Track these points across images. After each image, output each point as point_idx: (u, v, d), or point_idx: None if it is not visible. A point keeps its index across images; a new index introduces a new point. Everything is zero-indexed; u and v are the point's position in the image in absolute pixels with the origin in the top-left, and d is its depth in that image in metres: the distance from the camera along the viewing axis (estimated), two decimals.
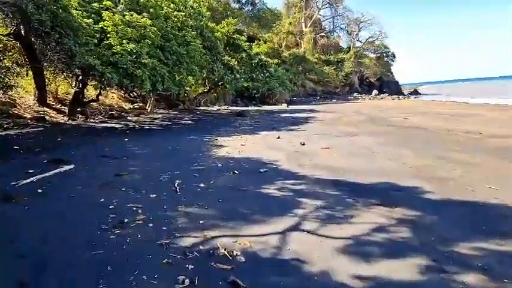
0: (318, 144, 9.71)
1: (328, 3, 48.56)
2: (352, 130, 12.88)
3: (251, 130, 13.47)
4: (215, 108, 27.00)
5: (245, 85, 26.91)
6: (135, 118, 17.13)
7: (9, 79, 9.71)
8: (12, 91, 10.80)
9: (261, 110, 25.72)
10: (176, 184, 5.62)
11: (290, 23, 47.44)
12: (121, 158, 7.71)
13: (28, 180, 5.55)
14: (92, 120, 14.92)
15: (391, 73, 54.84)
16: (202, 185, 5.65)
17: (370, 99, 40.52)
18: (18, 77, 12.05)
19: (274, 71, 26.03)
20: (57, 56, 9.43)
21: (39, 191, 5.12)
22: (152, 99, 19.60)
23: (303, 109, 26.32)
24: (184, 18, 14.75)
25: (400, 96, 42.61)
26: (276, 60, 30.04)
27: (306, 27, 48.42)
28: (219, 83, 23.74)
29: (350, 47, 49.10)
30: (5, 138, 9.25)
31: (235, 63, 22.68)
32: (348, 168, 6.87)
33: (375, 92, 45.04)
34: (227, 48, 22.21)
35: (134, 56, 11.74)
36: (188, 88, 20.16)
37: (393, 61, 49.38)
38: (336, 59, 47.66)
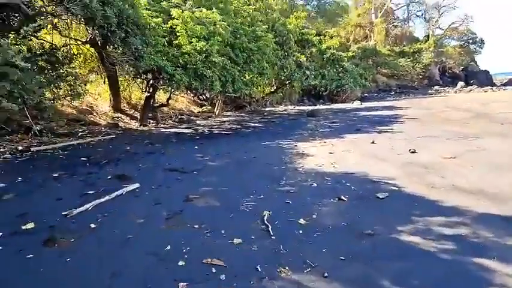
0: (435, 152, 7.38)
1: None
2: (466, 131, 10.10)
3: (332, 133, 11.44)
4: (281, 108, 25.32)
5: (312, 83, 24.79)
6: (203, 122, 16.21)
7: (78, 87, 9.10)
8: (79, 99, 10.27)
9: (332, 109, 23.33)
10: (265, 218, 3.98)
11: (359, 14, 43.73)
12: (191, 172, 6.36)
13: (83, 208, 4.37)
14: (162, 125, 14.26)
15: (476, 62, 47.83)
16: (302, 221, 3.91)
17: (455, 92, 35.23)
18: (87, 85, 11.66)
19: (347, 65, 23.35)
20: (124, 58, 8.52)
21: (92, 226, 3.86)
22: (220, 101, 18.61)
23: (381, 106, 23.28)
24: (254, 12, 13.26)
25: (494, 88, 36.37)
26: (349, 53, 27.22)
27: (376, 17, 44.26)
28: (287, 82, 22.02)
29: (429, 36, 43.64)
30: (76, 148, 8.61)
31: (304, 59, 20.74)
32: None
33: (460, 84, 39.21)
34: (295, 44, 20.33)
35: (204, 55, 10.54)
36: (255, 88, 18.80)
37: (481, 48, 42.69)
38: (412, 50, 42.68)
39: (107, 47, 8.92)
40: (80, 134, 10.90)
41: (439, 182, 5.18)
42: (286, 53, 15.54)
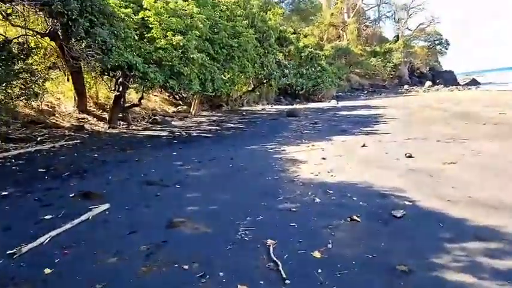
0: (431, 156, 6.91)
1: None
2: (452, 132, 9.82)
3: (318, 135, 10.85)
4: (259, 107, 24.60)
5: (289, 82, 24.25)
6: (180, 123, 15.12)
7: (34, 85, 7.81)
8: (37, 99, 8.97)
9: (310, 108, 22.91)
10: (272, 251, 3.20)
11: (332, 14, 43.86)
12: (172, 185, 5.45)
13: (36, 243, 3.39)
14: (134, 127, 13.07)
15: (439, 63, 49.54)
16: (317, 254, 3.15)
17: (424, 91, 36.11)
18: (48, 83, 10.30)
19: (325, 64, 22.97)
20: (89, 52, 7.35)
21: (47, 271, 2.91)
22: (197, 101, 17.56)
23: (358, 105, 23.16)
24: (233, 6, 12.39)
25: (459, 87, 37.69)
26: (326, 52, 26.88)
27: (348, 17, 44.61)
28: (265, 81, 21.31)
29: (398, 36, 44.57)
30: (33, 157, 7.38)
31: (283, 57, 20.11)
32: None
33: (428, 83, 40.38)
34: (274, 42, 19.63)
35: (181, 51, 9.56)
36: (235, 87, 17.92)
37: (447, 49, 44.15)
38: (382, 50, 43.41)
39: (70, 39, 7.72)
40: (40, 138, 9.57)
41: (453, 194, 4.62)
42: (266, 51, 14.80)
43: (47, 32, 8.16)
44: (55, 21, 6.82)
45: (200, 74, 10.13)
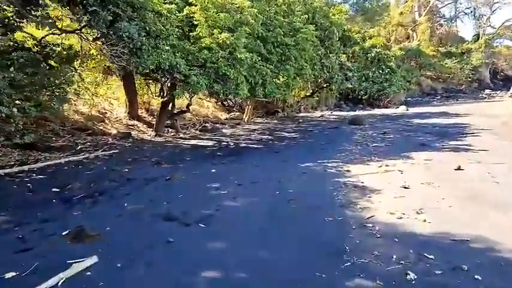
0: None
1: None
2: None
3: (389, 149, 8.66)
4: (317, 114, 22.53)
5: (351, 86, 21.77)
6: (230, 130, 13.90)
7: (60, 90, 7.00)
8: (65, 105, 8.26)
9: (375, 115, 20.22)
10: None
11: (401, 13, 39.71)
12: (195, 223, 3.97)
13: None
14: (182, 135, 12.12)
15: None
16: None
17: (511, 96, 30.52)
18: (100, 88, 9.72)
19: (395, 66, 20.10)
20: (113, 51, 6.29)
21: None
22: (250, 107, 16.25)
23: (433, 112, 19.84)
24: (291, 0, 10.77)
25: None
26: (397, 52, 23.81)
27: (420, 16, 40.06)
28: (325, 85, 19.23)
29: (479, 35, 38.74)
30: (58, 170, 6.54)
31: (345, 59, 17.90)
32: None
33: None
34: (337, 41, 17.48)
35: (227, 51, 8.21)
36: (291, 92, 16.23)
37: None
38: (459, 51, 38.04)
39: (96, 37, 6.80)
40: (80, 147, 8.96)
41: None
42: (327, 50, 12.85)
43: (74, 29, 7.38)
44: (76, 14, 5.92)
45: (249, 76, 8.68)
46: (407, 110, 23.12)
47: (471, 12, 39.81)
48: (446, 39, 41.77)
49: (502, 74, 38.88)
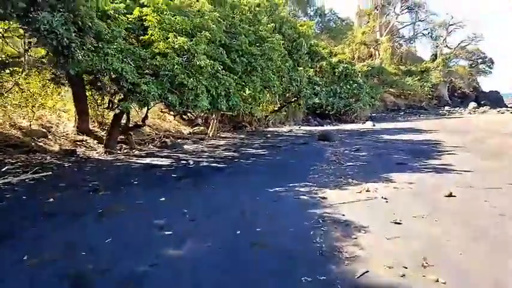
0: None
1: (408, 8, 41.03)
2: None
3: (366, 169, 7.79)
4: (286, 129, 21.78)
5: (318, 101, 21.34)
6: (193, 146, 12.58)
7: None
8: None
9: (344, 131, 19.78)
10: None
11: (364, 32, 40.88)
12: None
13: None
14: (137, 151, 10.64)
15: (478, 83, 44.43)
16: None
17: (470, 113, 31.90)
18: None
19: (362, 81, 19.89)
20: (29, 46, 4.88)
21: None
22: (215, 121, 15.05)
23: (400, 128, 19.77)
24: (257, 9, 9.88)
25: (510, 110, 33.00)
26: (364, 68, 23.84)
27: (381, 36, 41.45)
28: (293, 99, 18.54)
29: (436, 54, 40.64)
30: None
31: (313, 73, 17.35)
32: None
33: (472, 104, 35.90)
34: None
35: (185, 57, 7.04)
36: (258, 106, 15.26)
37: (491, 68, 39.54)
38: (419, 69, 39.59)
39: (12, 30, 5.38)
40: (6, 168, 7.29)
41: None
42: (296, 63, 12.06)
43: None
44: None
45: (211, 87, 7.54)
46: (374, 125, 23.02)
47: (428, 33, 41.84)
48: (406, 58, 43.45)
49: (459, 91, 40.82)
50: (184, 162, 9.09)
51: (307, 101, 18.19)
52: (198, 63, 6.74)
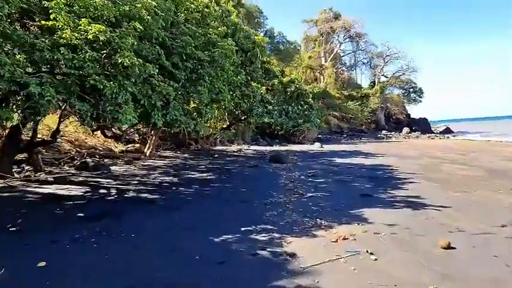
0: None
1: (350, 37, 43.12)
2: None
3: (330, 204, 6.38)
4: (234, 148, 20.21)
5: (272, 120, 20.26)
6: (123, 168, 10.24)
7: None
8: None
9: (294, 151, 18.77)
10: None
11: (310, 57, 41.83)
12: None
13: None
14: (44, 175, 8.06)
15: (406, 111, 48.04)
16: None
17: (404, 137, 33.63)
18: None
19: (313, 102, 19.21)
20: None
21: None
22: (154, 137, 12.83)
23: (347, 151, 19.34)
24: (206, 10, 8.28)
25: (440, 136, 35.56)
26: (316, 89, 23.44)
27: (326, 61, 42.79)
28: (243, 117, 17.09)
29: (375, 82, 42.98)
30: None
31: (265, 91, 16.16)
32: None
33: (406, 129, 38.19)
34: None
35: (103, 53, 5.08)
36: (204, 122, 13.34)
37: (421, 97, 42.88)
38: (359, 95, 41.39)
39: None
40: None
41: None
42: (249, 77, 10.60)
43: None
44: None
45: (142, 95, 5.61)
46: (322, 147, 22.52)
47: (367, 62, 44.25)
48: (347, 84, 45.29)
49: (394, 117, 43.30)
50: (103, 191, 6.86)
51: (257, 120, 16.96)
52: (120, 60, 4.82)
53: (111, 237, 4.27)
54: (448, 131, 41.23)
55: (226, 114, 17.42)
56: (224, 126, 18.98)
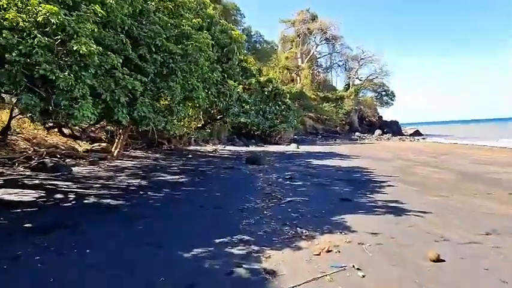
0: None
1: (326, 39, 43.53)
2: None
3: (309, 210, 6.03)
4: (209, 148, 19.58)
5: (249, 120, 19.82)
6: (86, 169, 9.37)
7: None
8: None
9: (270, 152, 18.47)
10: None
11: (287, 57, 41.82)
12: None
13: None
14: None
15: (378, 113, 49.42)
16: None
17: (377, 139, 34.38)
18: None
19: (290, 103, 18.95)
20: None
21: None
22: (123, 136, 11.95)
23: (323, 152, 19.30)
24: (181, 1, 7.66)
25: (410, 138, 36.68)
26: (293, 90, 23.20)
27: (302, 62, 42.97)
28: (219, 116, 16.48)
29: (349, 84, 43.68)
30: None
31: (242, 90, 15.68)
32: None
33: (378, 132, 39.09)
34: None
35: (56, 39, 4.39)
36: (177, 121, 12.57)
37: (393, 100, 44.06)
38: (334, 97, 41.90)
39: None
40: None
41: None
42: (226, 75, 10.05)
43: None
44: None
45: (102, 89, 4.95)
46: (298, 147, 22.36)
47: (343, 64, 44.90)
48: (323, 86, 45.75)
49: (367, 119, 44.22)
50: (59, 197, 6.09)
51: (234, 120, 16.46)
52: (75, 48, 4.16)
53: (61, 255, 3.62)
54: (417, 133, 42.64)
55: (201, 112, 16.74)
56: (199, 125, 18.26)
